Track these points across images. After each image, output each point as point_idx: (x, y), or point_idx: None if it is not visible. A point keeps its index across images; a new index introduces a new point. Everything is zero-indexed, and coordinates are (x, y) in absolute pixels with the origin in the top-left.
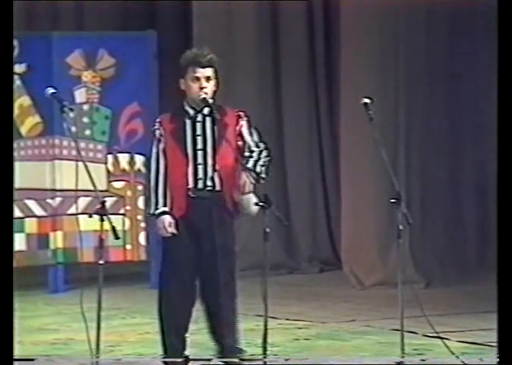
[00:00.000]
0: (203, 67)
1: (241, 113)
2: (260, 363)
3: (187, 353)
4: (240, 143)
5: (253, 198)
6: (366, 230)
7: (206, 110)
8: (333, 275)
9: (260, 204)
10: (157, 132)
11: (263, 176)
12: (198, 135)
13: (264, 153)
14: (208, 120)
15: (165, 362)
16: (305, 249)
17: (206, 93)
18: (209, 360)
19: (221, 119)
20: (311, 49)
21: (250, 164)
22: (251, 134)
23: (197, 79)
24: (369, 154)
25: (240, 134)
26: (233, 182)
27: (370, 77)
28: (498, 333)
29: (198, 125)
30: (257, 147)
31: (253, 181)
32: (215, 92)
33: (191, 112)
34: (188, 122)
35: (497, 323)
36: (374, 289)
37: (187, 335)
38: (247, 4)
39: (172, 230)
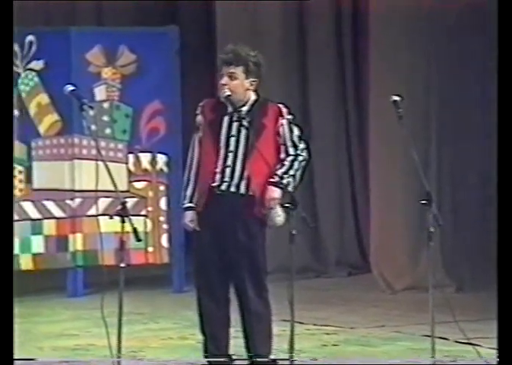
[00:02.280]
0: (226, 64)
1: (283, 110)
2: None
3: (231, 352)
4: (279, 141)
5: (279, 211)
6: (396, 232)
7: (244, 109)
8: (362, 279)
9: (286, 205)
10: (198, 119)
11: (290, 189)
12: (232, 136)
13: (301, 157)
14: (245, 121)
15: (209, 362)
16: (333, 251)
17: (227, 90)
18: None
19: (259, 120)
20: (338, 47)
21: (279, 173)
22: (290, 132)
23: (222, 76)
24: (399, 153)
25: (278, 134)
26: (262, 187)
27: (400, 76)
28: (498, 333)
29: (234, 125)
30: (295, 147)
31: (279, 196)
32: (256, 91)
33: (230, 108)
34: (226, 119)
35: (497, 323)
36: (403, 293)
37: (228, 337)
38: (273, 3)
39: (192, 226)
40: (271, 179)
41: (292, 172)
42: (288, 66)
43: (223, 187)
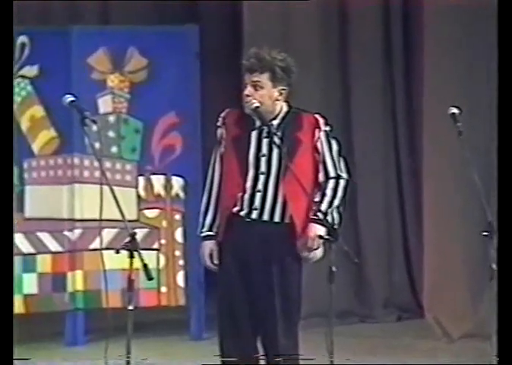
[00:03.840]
0: (249, 71)
1: (320, 120)
2: None
3: None
4: (316, 157)
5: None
6: (453, 269)
7: (275, 123)
8: (414, 325)
9: (325, 236)
10: (219, 132)
11: (336, 226)
12: (263, 155)
13: (342, 181)
14: (276, 137)
15: None
16: (380, 292)
17: (254, 101)
18: None
19: (293, 135)
20: (386, 52)
21: (323, 209)
22: (329, 146)
23: (246, 85)
24: (457, 176)
25: (316, 149)
26: (301, 214)
27: (457, 85)
28: (498, 333)
29: (264, 142)
30: (335, 166)
31: (323, 233)
32: (287, 102)
33: (258, 122)
34: (254, 135)
35: (496, 324)
36: (462, 341)
37: None
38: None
39: (210, 262)
40: (314, 216)
41: (336, 202)
42: (327, 73)
43: (254, 215)
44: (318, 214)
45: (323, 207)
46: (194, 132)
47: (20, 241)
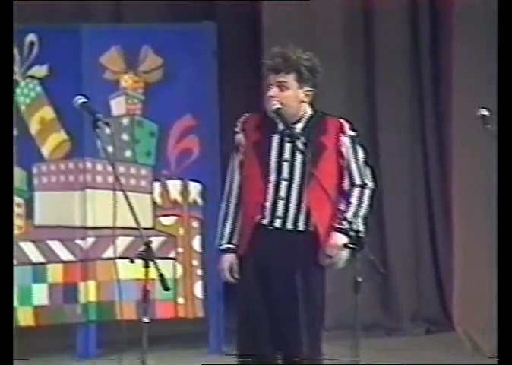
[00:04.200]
0: (274, 71)
1: (345, 125)
2: None
3: None
4: (341, 163)
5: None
6: (485, 280)
7: (298, 126)
8: (443, 338)
9: (350, 245)
10: (238, 138)
11: (361, 234)
12: (285, 161)
13: (368, 191)
14: (300, 141)
15: None
16: (407, 304)
17: (277, 102)
18: None
19: (317, 140)
20: (413, 49)
21: (348, 217)
22: (355, 153)
23: (269, 86)
24: (488, 183)
25: (341, 155)
26: (325, 222)
27: (487, 85)
28: (498, 333)
29: (287, 147)
30: (361, 176)
31: (348, 242)
32: (311, 105)
33: (280, 125)
34: (276, 139)
35: (497, 324)
36: (495, 357)
37: None
38: None
39: (231, 276)
40: (339, 225)
41: (362, 212)
42: (351, 74)
43: (277, 223)
44: (343, 222)
45: (348, 216)
46: (211, 135)
47: (29, 250)
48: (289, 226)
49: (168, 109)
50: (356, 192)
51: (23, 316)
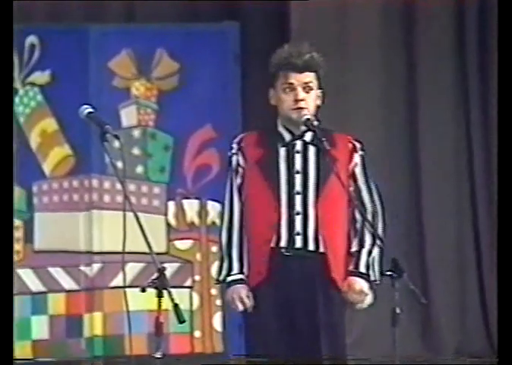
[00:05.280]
0: (300, 71)
1: (357, 143)
2: None
3: None
4: (349, 183)
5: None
6: None
7: (308, 135)
8: None
9: (387, 272)
10: (234, 160)
11: (377, 278)
12: (297, 172)
13: (379, 217)
14: (312, 150)
15: None
16: (450, 337)
17: (306, 110)
18: None
19: (327, 151)
20: (458, 48)
21: (362, 262)
22: (366, 178)
23: (291, 88)
24: None
25: (353, 176)
26: (341, 241)
27: None
28: (498, 333)
29: (297, 158)
30: (372, 202)
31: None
32: (318, 108)
33: (287, 136)
34: (283, 151)
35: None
36: None
37: None
38: None
39: (243, 306)
40: (356, 270)
41: (376, 249)
42: (389, 73)
43: (299, 244)
44: (359, 266)
45: (363, 261)
46: None
47: (28, 278)
48: (311, 245)
49: (184, 119)
50: (368, 215)
51: (21, 352)
